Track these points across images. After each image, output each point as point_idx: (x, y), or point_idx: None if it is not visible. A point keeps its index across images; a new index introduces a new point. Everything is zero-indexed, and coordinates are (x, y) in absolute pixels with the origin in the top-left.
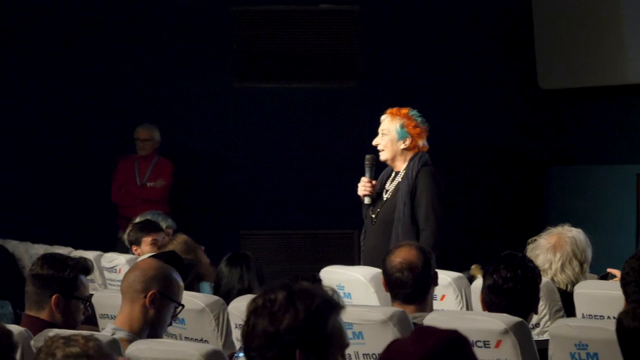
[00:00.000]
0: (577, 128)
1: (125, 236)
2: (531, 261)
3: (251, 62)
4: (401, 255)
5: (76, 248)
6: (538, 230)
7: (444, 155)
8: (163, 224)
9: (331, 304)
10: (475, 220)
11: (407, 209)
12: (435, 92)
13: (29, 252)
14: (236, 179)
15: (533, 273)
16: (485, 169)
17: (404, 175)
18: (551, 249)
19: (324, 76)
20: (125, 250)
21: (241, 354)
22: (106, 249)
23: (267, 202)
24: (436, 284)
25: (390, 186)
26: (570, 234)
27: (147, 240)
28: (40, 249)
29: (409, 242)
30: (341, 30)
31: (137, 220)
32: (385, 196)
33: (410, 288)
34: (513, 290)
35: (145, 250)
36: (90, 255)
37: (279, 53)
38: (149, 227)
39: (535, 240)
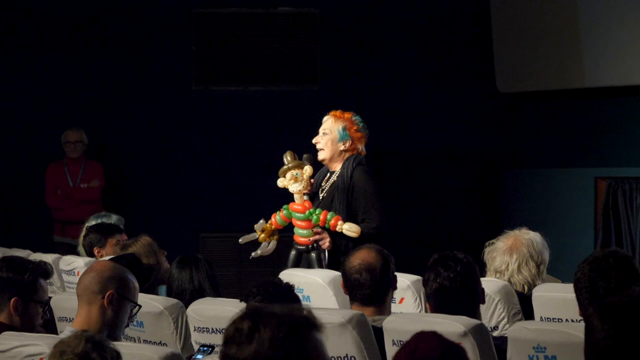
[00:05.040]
0: (536, 131)
1: (81, 240)
2: (464, 256)
3: (211, 65)
4: (360, 257)
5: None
6: (495, 233)
7: (401, 157)
8: (119, 224)
9: (300, 330)
10: (431, 222)
11: (344, 207)
12: (394, 94)
13: None
14: (196, 182)
15: (471, 266)
16: (443, 171)
17: (339, 174)
18: (507, 251)
19: (284, 79)
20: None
21: (199, 356)
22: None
23: (227, 205)
24: (395, 287)
25: (326, 185)
26: (527, 236)
27: (111, 241)
28: None
29: (369, 245)
30: (301, 33)
31: (93, 223)
32: (321, 195)
33: (368, 289)
34: (460, 288)
35: (108, 251)
36: (48, 258)
37: (239, 56)
38: (112, 229)
39: (492, 243)
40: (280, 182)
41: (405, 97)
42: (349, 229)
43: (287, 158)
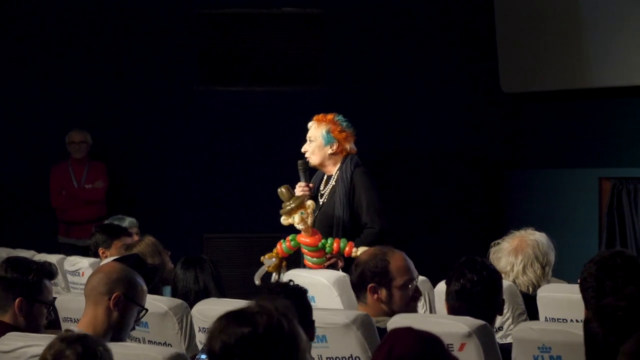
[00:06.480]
0: (540, 131)
1: (90, 239)
2: (490, 263)
3: (214, 65)
4: (364, 252)
5: None
6: (499, 233)
7: (405, 157)
8: (131, 226)
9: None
10: (436, 223)
11: (347, 211)
12: (398, 95)
13: None
14: (200, 182)
15: (496, 275)
16: (447, 171)
17: (338, 178)
18: (513, 252)
19: (288, 79)
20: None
21: (203, 356)
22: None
23: (230, 205)
24: (380, 294)
25: (325, 190)
26: (532, 237)
27: (117, 244)
28: (3, 252)
29: (385, 247)
30: (305, 33)
31: (104, 223)
32: (321, 200)
33: (353, 282)
34: (481, 293)
35: (113, 253)
36: (53, 258)
37: (243, 56)
38: (119, 231)
39: (498, 243)
40: (285, 221)
41: (409, 97)
42: None
43: (284, 194)
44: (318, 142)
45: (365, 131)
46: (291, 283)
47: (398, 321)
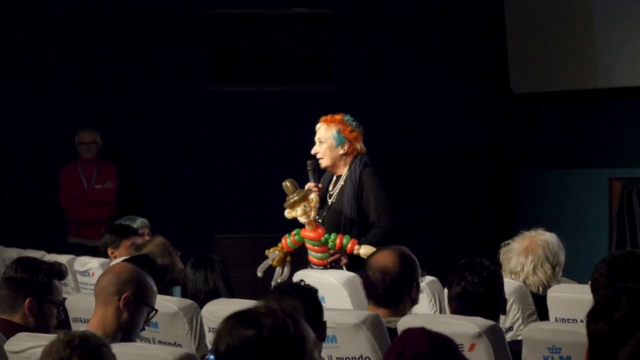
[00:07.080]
0: (550, 132)
1: (99, 240)
2: (490, 263)
3: (225, 66)
4: (380, 257)
5: None
6: (509, 233)
7: (416, 157)
8: (142, 227)
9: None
10: (446, 222)
11: (354, 210)
12: (408, 95)
13: (1, 256)
14: (210, 182)
15: (496, 274)
16: (457, 171)
17: (347, 178)
18: (523, 252)
19: (298, 80)
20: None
21: (212, 357)
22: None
23: (241, 206)
24: (412, 294)
25: (333, 190)
26: (542, 238)
27: (126, 243)
28: (13, 253)
29: (395, 247)
30: (315, 33)
31: (115, 223)
32: (330, 200)
33: (380, 290)
34: (483, 294)
35: (122, 253)
36: (63, 259)
37: (253, 56)
38: (127, 231)
39: (508, 244)
40: (289, 214)
41: (419, 97)
42: (366, 252)
43: (289, 188)
44: (329, 143)
45: (375, 131)
46: (302, 283)
47: (408, 321)
